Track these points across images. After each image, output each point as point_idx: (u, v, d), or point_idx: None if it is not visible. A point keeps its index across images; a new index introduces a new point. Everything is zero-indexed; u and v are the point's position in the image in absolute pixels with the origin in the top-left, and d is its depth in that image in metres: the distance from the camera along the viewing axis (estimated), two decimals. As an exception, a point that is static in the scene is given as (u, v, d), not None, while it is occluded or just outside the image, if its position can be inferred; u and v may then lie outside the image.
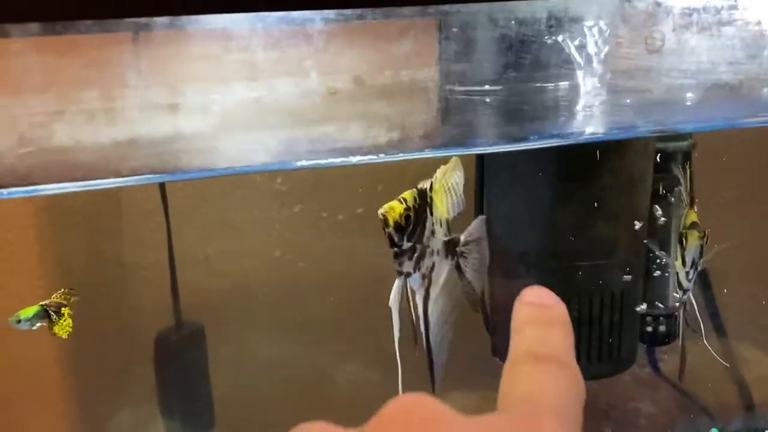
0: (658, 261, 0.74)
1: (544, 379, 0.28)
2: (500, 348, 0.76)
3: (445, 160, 0.49)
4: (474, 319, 0.62)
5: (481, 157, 0.75)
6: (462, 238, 0.52)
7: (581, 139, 0.46)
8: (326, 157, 0.38)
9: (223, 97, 0.36)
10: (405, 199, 0.45)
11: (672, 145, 0.74)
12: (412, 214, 0.44)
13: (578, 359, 0.75)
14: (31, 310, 0.63)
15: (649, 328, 0.78)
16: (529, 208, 0.71)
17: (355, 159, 0.38)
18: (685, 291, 0.66)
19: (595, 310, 0.70)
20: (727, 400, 0.96)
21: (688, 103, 0.43)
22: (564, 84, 0.43)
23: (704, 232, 0.64)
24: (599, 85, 0.44)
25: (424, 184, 0.47)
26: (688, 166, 0.74)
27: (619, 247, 0.71)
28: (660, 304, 0.76)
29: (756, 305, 0.94)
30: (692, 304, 0.67)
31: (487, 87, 0.43)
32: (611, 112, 0.45)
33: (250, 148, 0.37)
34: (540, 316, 0.30)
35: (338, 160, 0.38)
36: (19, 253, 0.78)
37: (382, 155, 0.38)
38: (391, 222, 0.43)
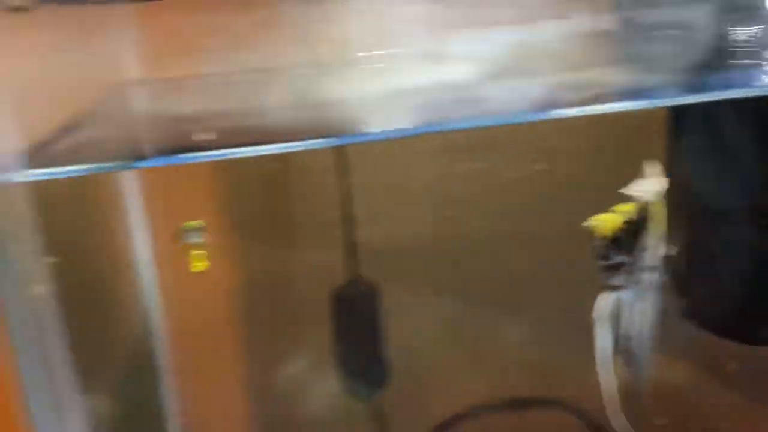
0: None
1: None
2: (694, 310, 0.71)
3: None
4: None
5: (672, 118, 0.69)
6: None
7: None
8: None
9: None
10: (624, 212, 0.43)
11: None
12: (626, 227, 0.43)
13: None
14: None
15: None
16: (729, 161, 0.66)
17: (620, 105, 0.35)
18: None
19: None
20: None
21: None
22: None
23: None
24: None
25: (645, 196, 0.45)
26: None
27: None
28: None
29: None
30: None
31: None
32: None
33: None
34: None
35: (605, 107, 0.35)
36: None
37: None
38: (606, 234, 0.42)
